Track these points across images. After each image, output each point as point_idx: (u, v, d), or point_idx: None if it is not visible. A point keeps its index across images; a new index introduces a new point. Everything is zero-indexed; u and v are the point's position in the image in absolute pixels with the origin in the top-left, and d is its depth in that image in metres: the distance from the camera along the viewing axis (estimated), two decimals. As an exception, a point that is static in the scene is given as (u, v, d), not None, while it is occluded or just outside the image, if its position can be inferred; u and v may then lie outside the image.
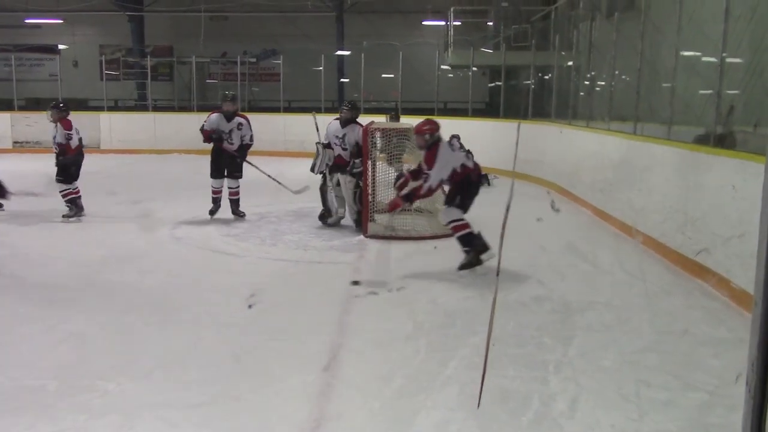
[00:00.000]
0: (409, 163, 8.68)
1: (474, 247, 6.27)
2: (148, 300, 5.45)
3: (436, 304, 5.45)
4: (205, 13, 21.80)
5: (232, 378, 4.00)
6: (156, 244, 7.52)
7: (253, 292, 5.64)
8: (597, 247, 7.42)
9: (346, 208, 8.33)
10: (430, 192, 6.33)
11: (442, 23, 19.95)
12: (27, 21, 22.40)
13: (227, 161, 8.63)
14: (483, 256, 6.22)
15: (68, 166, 8.56)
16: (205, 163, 8.80)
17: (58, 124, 8.74)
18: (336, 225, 8.30)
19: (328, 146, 8.19)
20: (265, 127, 16.07)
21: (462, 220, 6.32)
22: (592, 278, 6.30)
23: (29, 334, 4.62)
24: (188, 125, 10.76)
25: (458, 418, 3.56)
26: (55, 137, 8.71)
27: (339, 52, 20.65)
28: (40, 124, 9.03)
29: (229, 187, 8.77)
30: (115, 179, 12.49)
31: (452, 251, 7.28)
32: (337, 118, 8.38)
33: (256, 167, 8.85)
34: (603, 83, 10.77)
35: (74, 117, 9.02)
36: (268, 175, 9.14)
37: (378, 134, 8.46)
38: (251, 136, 8.68)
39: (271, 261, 6.73)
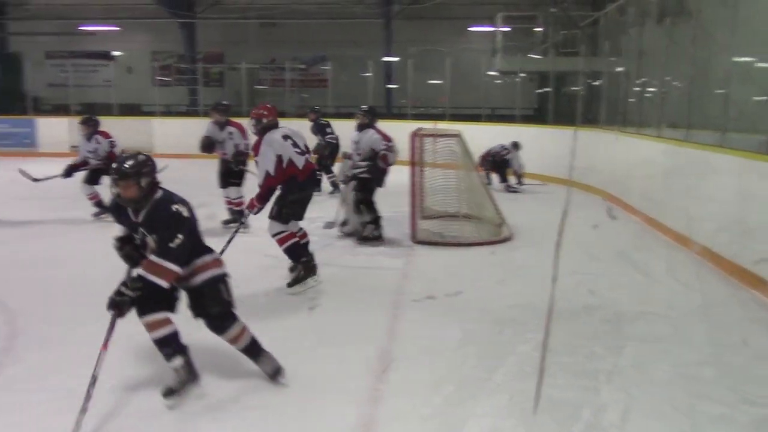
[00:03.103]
0: (457, 170, 8.69)
1: (301, 259, 5.94)
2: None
3: (485, 311, 5.43)
4: (255, 19, 22.09)
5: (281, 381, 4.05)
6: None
7: (314, 295, 5.77)
8: (649, 257, 7.32)
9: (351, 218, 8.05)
10: (266, 185, 5.74)
11: (490, 29, 19.89)
12: (81, 28, 22.95)
13: (229, 170, 8.56)
14: (309, 281, 5.91)
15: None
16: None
17: (98, 135, 8.91)
18: (351, 235, 8.04)
19: (348, 156, 8.00)
20: (309, 133, 16.23)
21: (284, 232, 5.91)
22: (645, 288, 6.21)
23: (89, 334, 4.71)
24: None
25: (507, 426, 3.55)
26: (93, 150, 8.86)
27: (387, 58, 20.72)
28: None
29: (228, 197, 8.66)
30: (170, 183, 12.70)
31: (502, 258, 7.27)
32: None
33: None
34: (654, 89, 10.61)
35: (128, 122, 9.18)
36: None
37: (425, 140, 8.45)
38: (246, 144, 8.37)
39: (321, 266, 6.76)
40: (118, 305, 3.57)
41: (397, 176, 8.33)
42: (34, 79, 21.56)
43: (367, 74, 19.13)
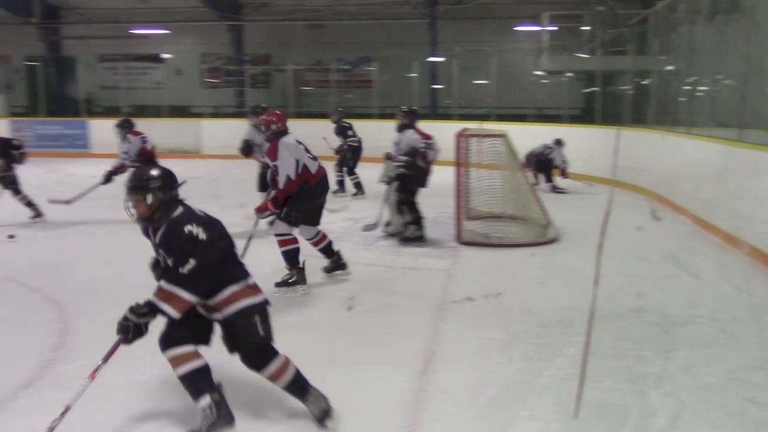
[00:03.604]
0: (502, 170, 8.64)
1: (297, 265, 6.00)
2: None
3: (531, 313, 5.39)
4: (301, 21, 22.25)
5: (326, 381, 4.05)
6: (250, 247, 7.70)
7: (352, 295, 5.77)
8: (699, 258, 7.17)
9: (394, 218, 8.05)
10: (286, 189, 5.80)
11: (536, 28, 19.71)
12: (132, 32, 23.38)
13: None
14: (297, 288, 5.94)
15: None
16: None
17: (130, 135, 9.05)
18: (394, 235, 8.02)
19: (390, 157, 7.96)
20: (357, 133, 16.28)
21: (287, 235, 5.98)
22: (694, 290, 6.09)
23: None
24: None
25: (553, 429, 3.53)
26: (126, 151, 9.00)
27: (431, 59, 20.69)
28: (146, 131, 9.52)
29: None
30: (216, 184, 12.89)
31: (548, 259, 7.20)
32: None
33: None
34: (705, 88, 10.41)
35: (177, 123, 9.26)
36: None
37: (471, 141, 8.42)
38: None
39: (365, 266, 6.80)
40: (123, 330, 3.29)
41: (442, 177, 8.33)
42: (86, 81, 22.04)
43: (412, 75, 19.12)
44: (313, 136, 11.64)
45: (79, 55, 23.15)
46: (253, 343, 3.46)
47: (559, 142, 12.47)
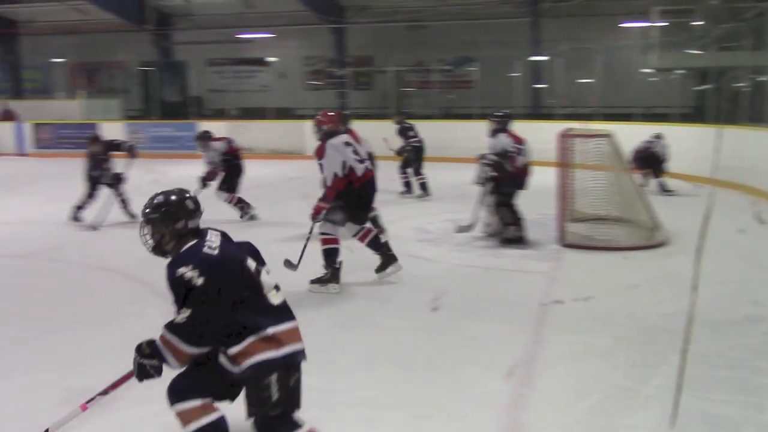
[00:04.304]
0: (607, 172, 8.39)
1: (333, 265, 5.98)
2: (342, 302, 5.67)
3: (635, 318, 5.20)
4: (402, 23, 22.33)
5: (425, 381, 4.06)
6: (353, 246, 7.77)
7: (437, 296, 5.69)
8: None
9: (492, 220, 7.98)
10: (333, 187, 5.87)
11: (644, 24, 19.08)
12: (239, 36, 24.06)
13: None
14: (330, 286, 5.94)
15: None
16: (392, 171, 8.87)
17: (211, 143, 9.46)
18: (493, 236, 7.92)
19: (482, 158, 7.83)
20: (456, 135, 16.19)
21: (329, 234, 6.00)
22: (815, 299, 5.71)
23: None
24: (384, 132, 11.20)
25: (659, 440, 3.39)
26: (208, 160, 9.44)
27: (534, 58, 20.37)
28: (252, 132, 9.81)
29: None
30: (313, 184, 13.08)
31: (655, 263, 6.94)
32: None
33: None
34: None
35: (281, 125, 9.47)
36: None
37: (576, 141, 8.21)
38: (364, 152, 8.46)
39: (464, 267, 6.75)
40: (134, 365, 2.88)
41: (544, 177, 8.18)
42: (196, 85, 22.84)
43: (514, 74, 18.86)
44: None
45: (190, 60, 24.04)
46: (264, 409, 2.78)
47: (658, 136, 12.04)
